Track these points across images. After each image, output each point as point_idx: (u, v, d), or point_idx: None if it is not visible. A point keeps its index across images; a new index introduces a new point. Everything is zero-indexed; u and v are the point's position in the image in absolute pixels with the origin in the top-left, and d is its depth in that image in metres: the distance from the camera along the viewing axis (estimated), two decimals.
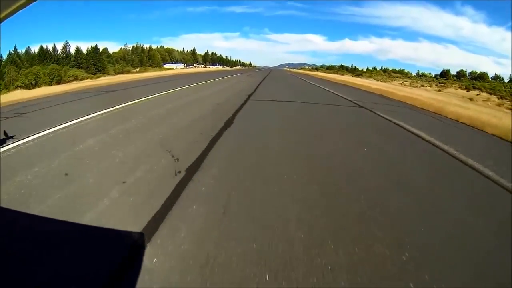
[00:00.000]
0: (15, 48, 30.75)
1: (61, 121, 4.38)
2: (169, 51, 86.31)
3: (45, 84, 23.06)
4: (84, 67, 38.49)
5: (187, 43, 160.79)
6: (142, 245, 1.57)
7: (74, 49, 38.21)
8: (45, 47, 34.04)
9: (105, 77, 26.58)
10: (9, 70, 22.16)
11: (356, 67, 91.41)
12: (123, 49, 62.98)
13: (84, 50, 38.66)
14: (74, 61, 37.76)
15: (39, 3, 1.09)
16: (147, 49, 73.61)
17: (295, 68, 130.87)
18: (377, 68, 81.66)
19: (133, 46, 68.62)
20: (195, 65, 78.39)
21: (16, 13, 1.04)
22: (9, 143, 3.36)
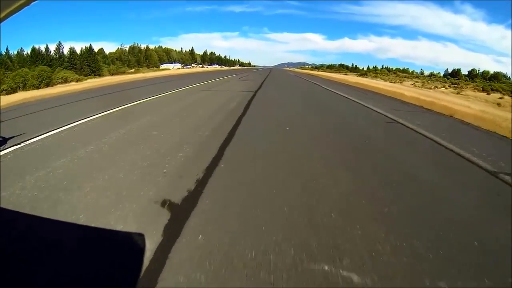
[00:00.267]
0: (6, 49, 29.97)
1: None
2: (167, 51, 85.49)
3: (33, 87, 22.28)
4: (78, 68, 37.66)
5: (186, 43, 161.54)
6: (142, 246, 1.56)
7: (68, 49, 37.31)
8: (37, 48, 33.19)
9: (91, 80, 25.67)
10: None
11: (357, 66, 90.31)
12: (119, 49, 62.02)
13: (80, 50, 37.80)
14: (67, 62, 36.93)
15: (38, 3, 1.08)
16: (144, 49, 72.75)
17: (295, 67, 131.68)
18: (378, 66, 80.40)
19: (130, 46, 67.51)
20: (193, 65, 77.70)
21: (16, 13, 1.08)
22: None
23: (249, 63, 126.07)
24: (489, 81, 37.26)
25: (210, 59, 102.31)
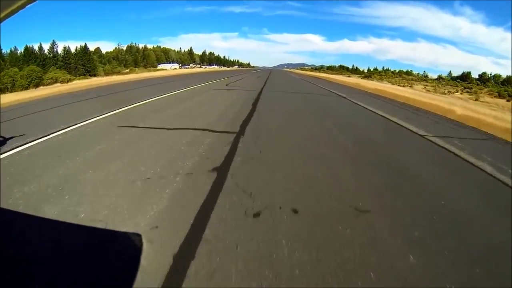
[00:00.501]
0: None
1: None
2: (165, 50, 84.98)
3: (21, 88, 21.87)
4: (72, 68, 37.21)
5: (186, 43, 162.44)
6: (140, 246, 1.60)
7: (62, 48, 36.87)
8: (30, 47, 32.80)
9: (79, 81, 25.09)
10: None
11: (357, 68, 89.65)
12: (117, 48, 61.71)
13: (75, 49, 37.32)
14: (62, 61, 36.50)
15: (38, 3, 1.12)
16: (142, 48, 72.41)
17: (295, 68, 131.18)
18: (378, 68, 79.62)
19: (127, 45, 67.15)
20: (191, 65, 77.09)
21: (16, 13, 1.10)
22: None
23: (248, 64, 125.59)
24: (502, 86, 35.85)
25: (209, 59, 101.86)
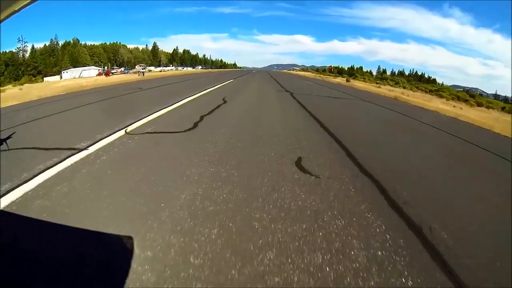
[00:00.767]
0: None
1: None
2: (115, 47, 66.52)
3: None
4: None
5: (176, 44, 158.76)
6: (131, 249, 1.63)
7: None
8: None
9: None
10: None
11: (356, 68, 75.28)
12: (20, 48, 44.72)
13: None
14: None
15: (38, 3, 1.11)
16: (70, 45, 54.54)
17: (284, 69, 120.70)
18: (369, 69, 66.29)
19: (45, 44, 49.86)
20: (138, 68, 57.66)
21: (16, 13, 1.09)
22: None
23: (234, 64, 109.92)
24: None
25: (181, 59, 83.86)
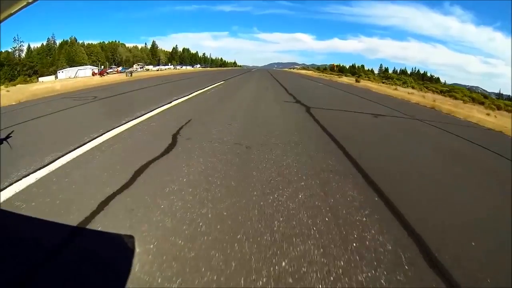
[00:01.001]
0: None
1: None
2: (113, 46, 65.86)
3: None
4: None
5: (176, 42, 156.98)
6: (132, 248, 1.63)
7: None
8: None
9: None
10: None
11: (358, 66, 74.95)
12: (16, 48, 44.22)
13: None
14: None
15: (38, 3, 1.10)
16: (67, 44, 53.96)
17: (285, 67, 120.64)
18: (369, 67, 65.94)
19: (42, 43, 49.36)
20: (136, 67, 56.78)
21: (16, 14, 1.09)
22: None
23: (235, 63, 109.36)
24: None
25: (180, 57, 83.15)
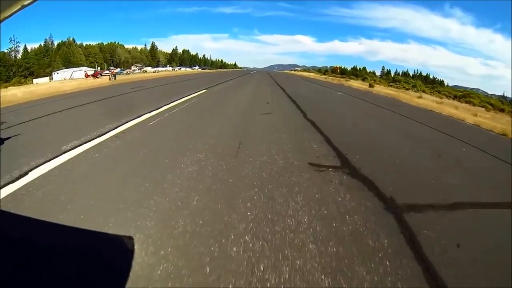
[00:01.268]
0: None
1: None
2: (112, 47, 65.67)
3: None
4: None
5: (177, 44, 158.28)
6: (132, 249, 1.62)
7: None
8: None
9: None
10: None
11: (359, 68, 74.77)
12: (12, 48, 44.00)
13: None
14: None
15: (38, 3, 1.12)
16: (65, 44, 53.72)
17: (285, 69, 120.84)
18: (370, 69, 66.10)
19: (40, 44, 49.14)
20: (134, 68, 55.91)
21: (16, 14, 1.10)
22: None
23: (235, 64, 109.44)
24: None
25: (180, 59, 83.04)
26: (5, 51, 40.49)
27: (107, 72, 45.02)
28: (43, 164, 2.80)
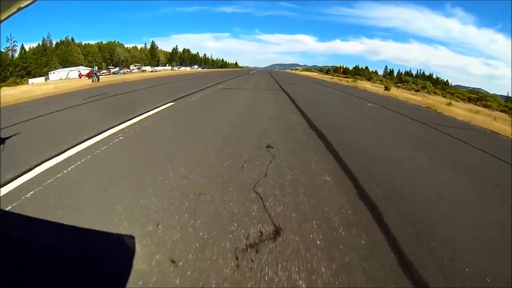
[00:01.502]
0: None
1: None
2: (112, 46, 65.60)
3: None
4: None
5: (178, 43, 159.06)
6: (133, 248, 1.64)
7: None
8: None
9: None
10: None
11: (361, 68, 74.41)
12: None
13: None
14: None
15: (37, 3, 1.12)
16: (64, 44, 53.79)
17: (286, 69, 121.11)
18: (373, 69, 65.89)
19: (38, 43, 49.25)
20: (132, 68, 55.81)
21: (16, 13, 1.09)
22: None
23: (236, 64, 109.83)
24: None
25: (180, 58, 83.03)
26: (2, 50, 40.56)
27: (105, 71, 44.86)
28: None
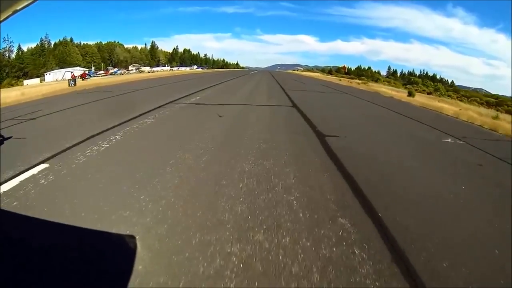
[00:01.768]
0: None
1: None
2: (111, 46, 65.77)
3: None
4: None
5: (179, 44, 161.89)
6: (134, 248, 1.67)
7: None
8: None
9: None
10: None
11: (364, 68, 74.16)
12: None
13: None
14: None
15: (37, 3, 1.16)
16: (61, 44, 53.68)
17: (288, 69, 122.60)
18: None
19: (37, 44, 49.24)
20: (131, 68, 55.63)
21: (16, 13, 1.11)
22: None
23: (237, 64, 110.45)
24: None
25: (181, 58, 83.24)
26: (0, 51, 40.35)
27: (101, 72, 44.47)
28: None
